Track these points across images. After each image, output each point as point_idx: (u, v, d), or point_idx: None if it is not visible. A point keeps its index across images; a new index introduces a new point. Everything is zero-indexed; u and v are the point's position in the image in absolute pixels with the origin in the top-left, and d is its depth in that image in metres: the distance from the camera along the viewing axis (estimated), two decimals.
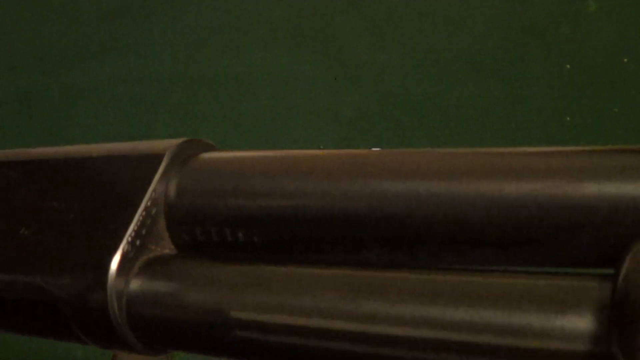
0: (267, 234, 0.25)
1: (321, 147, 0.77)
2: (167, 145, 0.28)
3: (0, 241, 0.29)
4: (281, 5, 1.02)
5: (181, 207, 0.27)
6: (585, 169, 0.21)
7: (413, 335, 0.21)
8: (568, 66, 0.96)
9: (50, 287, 0.27)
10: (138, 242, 0.26)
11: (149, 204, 0.27)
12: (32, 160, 0.31)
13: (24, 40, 1.01)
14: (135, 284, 0.26)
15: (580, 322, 0.19)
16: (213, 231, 0.26)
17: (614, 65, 0.96)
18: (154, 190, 0.27)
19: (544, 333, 0.19)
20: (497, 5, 1.02)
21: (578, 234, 0.20)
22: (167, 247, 0.27)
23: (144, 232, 0.26)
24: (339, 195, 0.24)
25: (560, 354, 0.19)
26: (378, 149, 0.82)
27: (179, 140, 0.28)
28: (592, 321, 0.19)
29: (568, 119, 0.92)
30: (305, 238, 0.25)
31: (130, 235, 0.26)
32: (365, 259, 0.24)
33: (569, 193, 0.20)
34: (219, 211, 0.26)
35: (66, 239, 0.27)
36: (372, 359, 0.22)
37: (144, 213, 0.26)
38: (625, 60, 0.97)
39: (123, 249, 0.26)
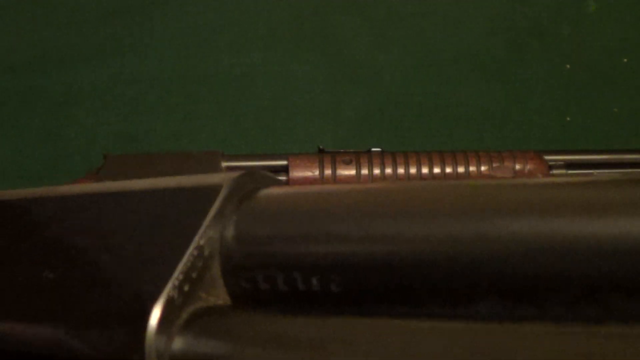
0: (349, 281, 0.20)
1: (321, 146, 0.76)
2: (224, 178, 0.24)
3: (18, 285, 0.24)
4: (281, 5, 1.02)
5: (241, 248, 0.22)
6: None
7: None
8: (568, 66, 0.96)
9: (75, 342, 0.22)
10: (187, 288, 0.22)
11: (201, 242, 0.22)
12: (64, 196, 0.26)
13: (24, 40, 1.01)
14: (180, 342, 0.21)
15: None
16: (280, 277, 0.21)
17: (614, 65, 0.96)
18: (209, 227, 0.22)
19: None
20: (497, 5, 1.01)
21: None
22: (220, 297, 0.23)
23: (194, 275, 0.22)
24: (444, 234, 0.19)
25: None
26: (379, 149, 0.82)
27: (238, 173, 0.24)
28: None
29: (568, 119, 0.92)
30: (399, 287, 0.19)
31: (177, 278, 0.21)
32: (474, 314, 0.19)
33: None
34: (288, 252, 0.21)
35: (97, 283, 0.23)
36: None
37: (195, 252, 0.22)
38: (625, 60, 0.97)
39: (168, 294, 0.21)
